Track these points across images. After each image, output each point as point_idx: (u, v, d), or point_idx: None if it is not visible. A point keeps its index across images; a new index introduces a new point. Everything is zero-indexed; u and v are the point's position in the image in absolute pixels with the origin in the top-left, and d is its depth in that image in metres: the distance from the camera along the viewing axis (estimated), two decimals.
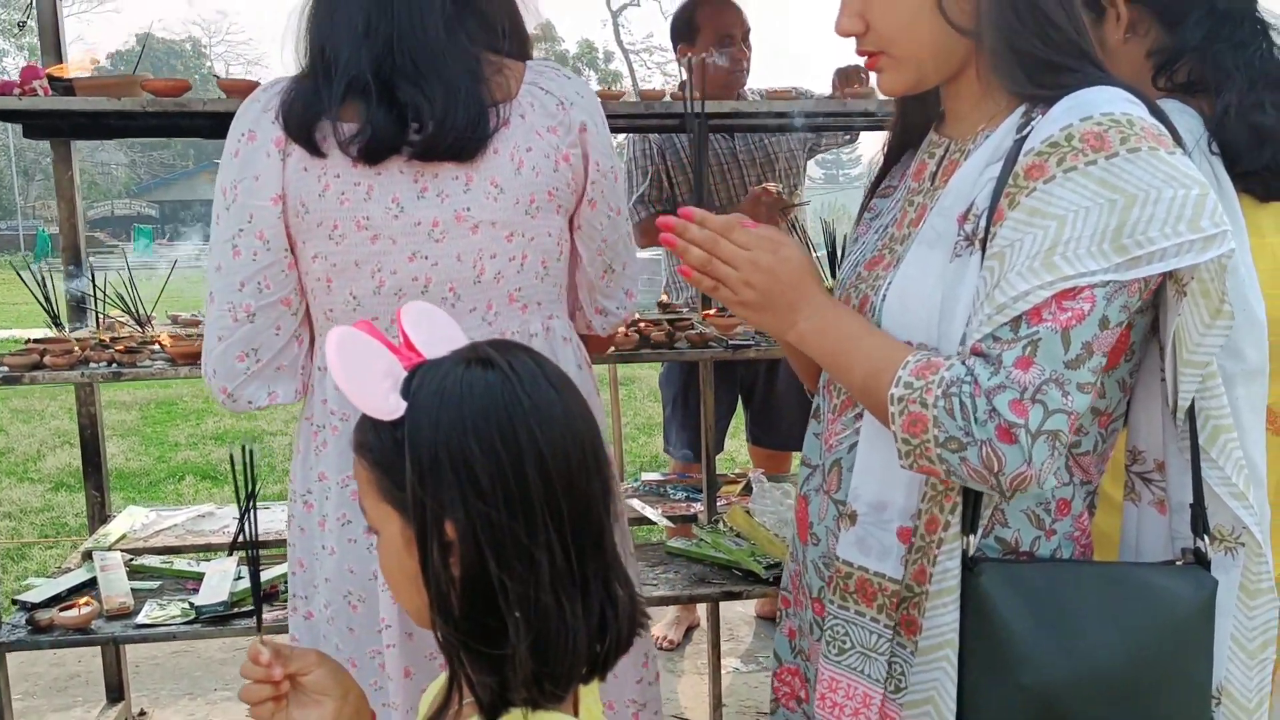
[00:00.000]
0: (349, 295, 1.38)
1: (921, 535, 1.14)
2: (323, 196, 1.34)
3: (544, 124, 1.37)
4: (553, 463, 0.82)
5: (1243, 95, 1.36)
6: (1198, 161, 1.37)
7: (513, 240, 1.37)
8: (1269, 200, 1.41)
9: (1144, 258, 0.99)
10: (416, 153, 1.31)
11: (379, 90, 1.30)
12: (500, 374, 0.84)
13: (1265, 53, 1.39)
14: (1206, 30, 1.40)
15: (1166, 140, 1.03)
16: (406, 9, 1.32)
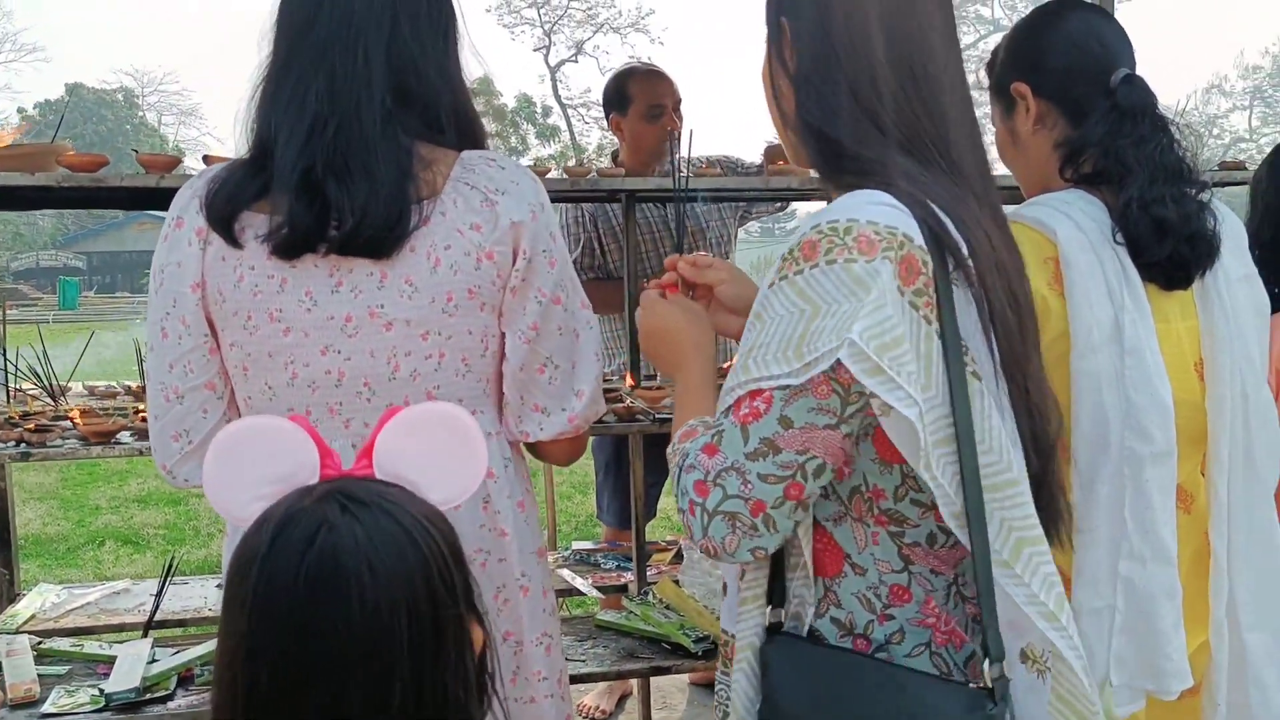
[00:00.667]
0: (264, 385, 1.37)
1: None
2: (238, 287, 1.34)
3: (466, 220, 1.35)
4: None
5: (1144, 189, 1.40)
6: (1102, 251, 1.41)
7: (429, 339, 1.35)
8: (1172, 289, 1.45)
9: (812, 363, 1.02)
10: (333, 248, 1.31)
11: (306, 185, 1.29)
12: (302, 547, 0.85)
13: (1165, 147, 1.44)
14: (1109, 126, 1.45)
15: (877, 248, 1.02)
16: (349, 101, 1.31)
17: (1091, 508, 1.42)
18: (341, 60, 1.32)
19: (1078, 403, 1.41)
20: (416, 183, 1.33)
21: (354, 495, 0.88)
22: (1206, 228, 1.44)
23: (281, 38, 1.37)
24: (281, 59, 1.36)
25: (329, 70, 1.32)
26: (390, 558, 0.85)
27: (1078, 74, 1.49)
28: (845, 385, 1.03)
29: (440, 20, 1.41)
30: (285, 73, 1.35)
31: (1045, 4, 1.59)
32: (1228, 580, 1.47)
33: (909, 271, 1.03)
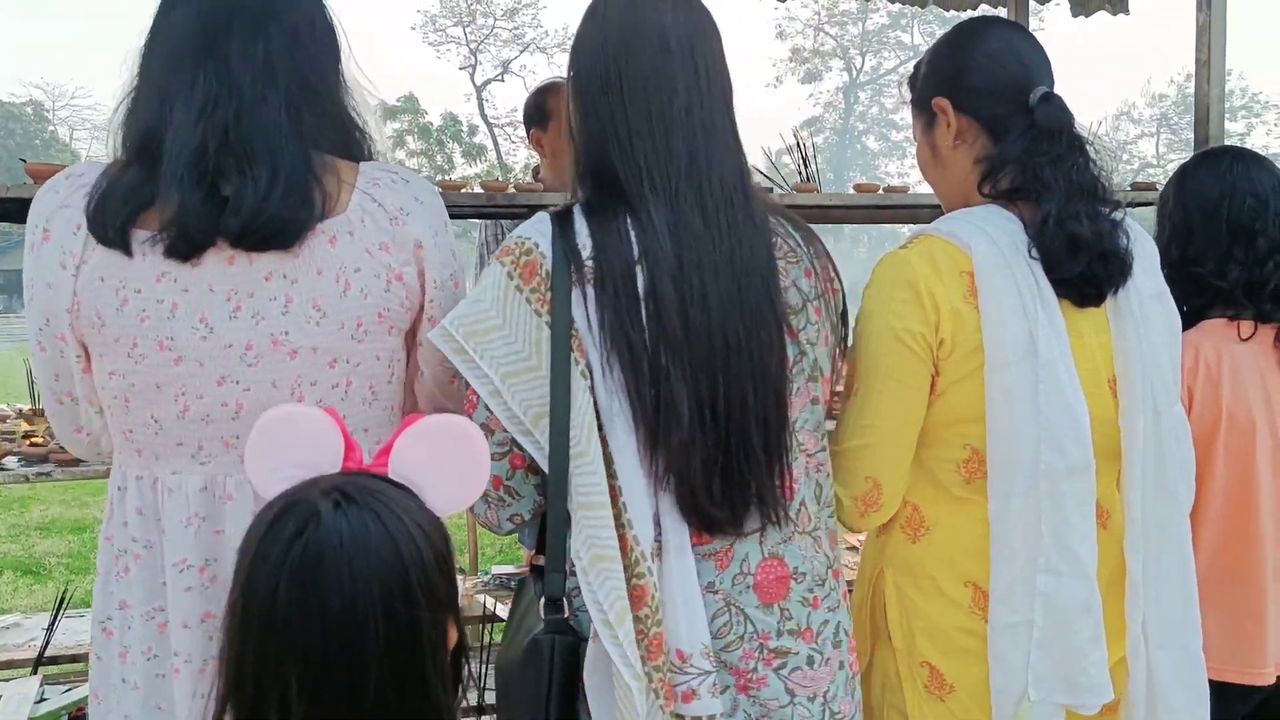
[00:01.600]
0: (149, 418, 1.28)
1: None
2: (121, 312, 1.24)
3: (376, 240, 1.29)
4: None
5: (1060, 206, 1.41)
6: (1017, 266, 1.41)
7: (336, 366, 1.29)
8: (1085, 306, 1.46)
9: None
10: (231, 238, 1.22)
11: (203, 174, 1.21)
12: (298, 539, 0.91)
13: (1081, 166, 1.45)
14: (1027, 143, 1.46)
15: (505, 254, 1.29)
16: (250, 88, 1.25)
17: (1007, 522, 1.42)
18: (238, 52, 1.26)
19: (992, 416, 1.41)
20: (322, 185, 1.27)
21: (350, 494, 0.93)
22: (1119, 245, 1.46)
23: (161, 42, 1.30)
24: (164, 62, 1.28)
25: (221, 59, 1.26)
26: (370, 559, 0.90)
27: (997, 91, 1.50)
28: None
29: (332, 34, 1.38)
30: (171, 66, 1.27)
31: (966, 21, 1.60)
32: (1142, 598, 1.48)
33: (529, 273, 1.27)
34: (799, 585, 1.36)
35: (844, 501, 1.52)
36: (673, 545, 1.28)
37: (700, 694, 1.27)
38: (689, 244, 1.26)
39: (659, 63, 1.29)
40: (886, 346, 1.46)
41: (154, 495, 1.30)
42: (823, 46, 38.80)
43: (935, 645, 1.49)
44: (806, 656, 1.35)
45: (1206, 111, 2.64)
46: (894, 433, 1.48)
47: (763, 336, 1.28)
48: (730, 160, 1.32)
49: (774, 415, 1.30)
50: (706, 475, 1.26)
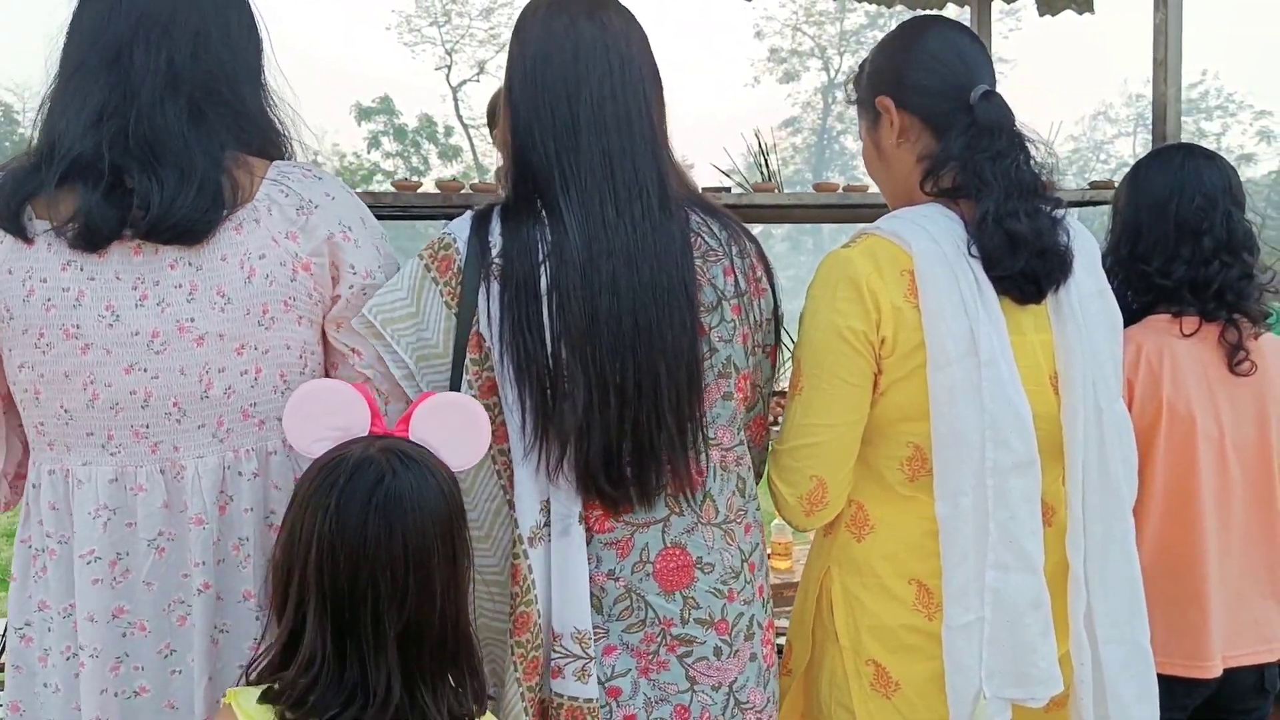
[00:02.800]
0: (59, 408, 1.28)
1: None
2: (27, 302, 1.25)
3: (282, 229, 1.30)
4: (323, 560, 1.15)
5: (999, 204, 1.43)
6: (957, 264, 1.43)
7: (244, 353, 1.30)
8: (1025, 304, 1.48)
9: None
10: (140, 233, 1.24)
11: (101, 174, 1.23)
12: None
13: (1021, 164, 1.47)
14: (968, 141, 1.47)
15: (429, 254, 1.38)
16: (150, 96, 1.26)
17: (957, 521, 1.43)
18: (141, 59, 1.27)
19: (935, 414, 1.43)
20: (231, 179, 1.27)
21: (409, 454, 1.20)
22: (1059, 243, 1.47)
23: (72, 45, 1.31)
24: (72, 64, 1.30)
25: (123, 68, 1.27)
26: (431, 500, 1.19)
27: (938, 89, 1.51)
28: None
29: (253, 35, 1.39)
30: (75, 73, 1.29)
31: (909, 20, 1.62)
32: (1085, 593, 1.50)
33: (445, 268, 1.37)
34: (707, 576, 1.41)
35: (789, 500, 1.53)
36: (556, 529, 1.36)
37: (565, 674, 1.36)
38: (598, 235, 1.34)
39: (570, 68, 1.38)
40: (829, 344, 1.47)
41: (65, 488, 1.30)
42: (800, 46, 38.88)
43: (881, 643, 1.50)
44: (714, 647, 1.41)
45: (1164, 111, 2.67)
46: (838, 431, 1.49)
47: (675, 319, 1.36)
48: (646, 155, 1.39)
49: (686, 394, 1.37)
50: (610, 459, 1.34)
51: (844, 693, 1.54)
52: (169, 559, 1.30)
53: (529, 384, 1.33)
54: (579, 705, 1.36)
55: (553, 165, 1.37)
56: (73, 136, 1.25)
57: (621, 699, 1.39)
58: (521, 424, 1.35)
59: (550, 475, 1.35)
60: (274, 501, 1.34)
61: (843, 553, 1.56)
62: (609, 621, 1.39)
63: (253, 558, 1.32)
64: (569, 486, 1.35)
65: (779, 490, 1.55)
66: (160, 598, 1.30)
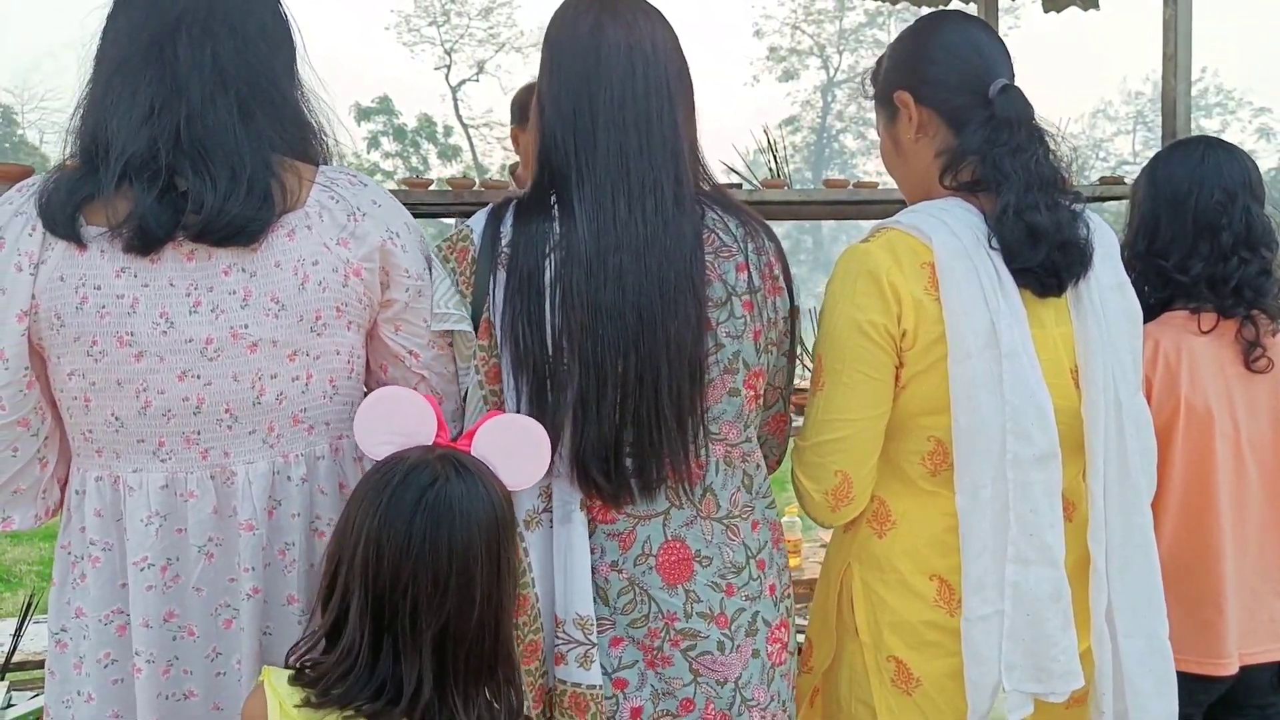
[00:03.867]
0: (110, 415, 1.27)
1: None
2: (80, 310, 1.23)
3: (333, 235, 1.30)
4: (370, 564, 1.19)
5: (1020, 197, 1.42)
6: (977, 257, 1.42)
7: (296, 360, 1.29)
8: (1045, 296, 1.47)
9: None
10: (192, 234, 1.23)
11: (156, 174, 1.22)
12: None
13: (1040, 157, 1.47)
14: (987, 134, 1.47)
15: (447, 245, 1.42)
16: (199, 91, 1.25)
17: (976, 513, 1.43)
18: (186, 54, 1.26)
19: (956, 406, 1.42)
20: (281, 182, 1.27)
21: (465, 464, 1.25)
22: (1079, 236, 1.47)
23: (110, 43, 1.30)
24: (113, 62, 1.28)
25: (168, 62, 1.26)
26: (480, 511, 1.22)
27: (957, 83, 1.51)
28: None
29: (287, 34, 1.38)
30: (116, 71, 1.27)
31: (926, 15, 1.61)
32: (1107, 587, 1.49)
33: (461, 257, 1.41)
34: (705, 569, 1.42)
35: (814, 496, 1.53)
36: (558, 515, 1.39)
37: (568, 660, 1.37)
38: (607, 229, 1.37)
39: (593, 69, 1.41)
40: (850, 338, 1.46)
41: (114, 495, 1.29)
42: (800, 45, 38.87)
43: (902, 639, 1.50)
44: (717, 641, 1.42)
45: (1174, 106, 2.66)
46: (862, 425, 1.49)
47: (679, 313, 1.37)
48: (664, 153, 1.41)
49: (687, 388, 1.38)
50: (606, 452, 1.35)
51: (864, 689, 1.54)
52: (218, 564, 1.30)
53: (526, 373, 1.36)
54: (582, 692, 1.37)
55: (570, 163, 1.40)
56: (126, 134, 1.23)
57: (628, 690, 1.40)
58: (517, 411, 1.37)
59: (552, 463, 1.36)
60: (319, 506, 1.34)
61: (863, 549, 1.55)
62: (615, 614, 1.40)
63: (298, 563, 1.32)
64: (566, 475, 1.37)
65: (804, 486, 1.54)
66: (208, 602, 1.30)
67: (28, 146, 43.86)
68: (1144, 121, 40.40)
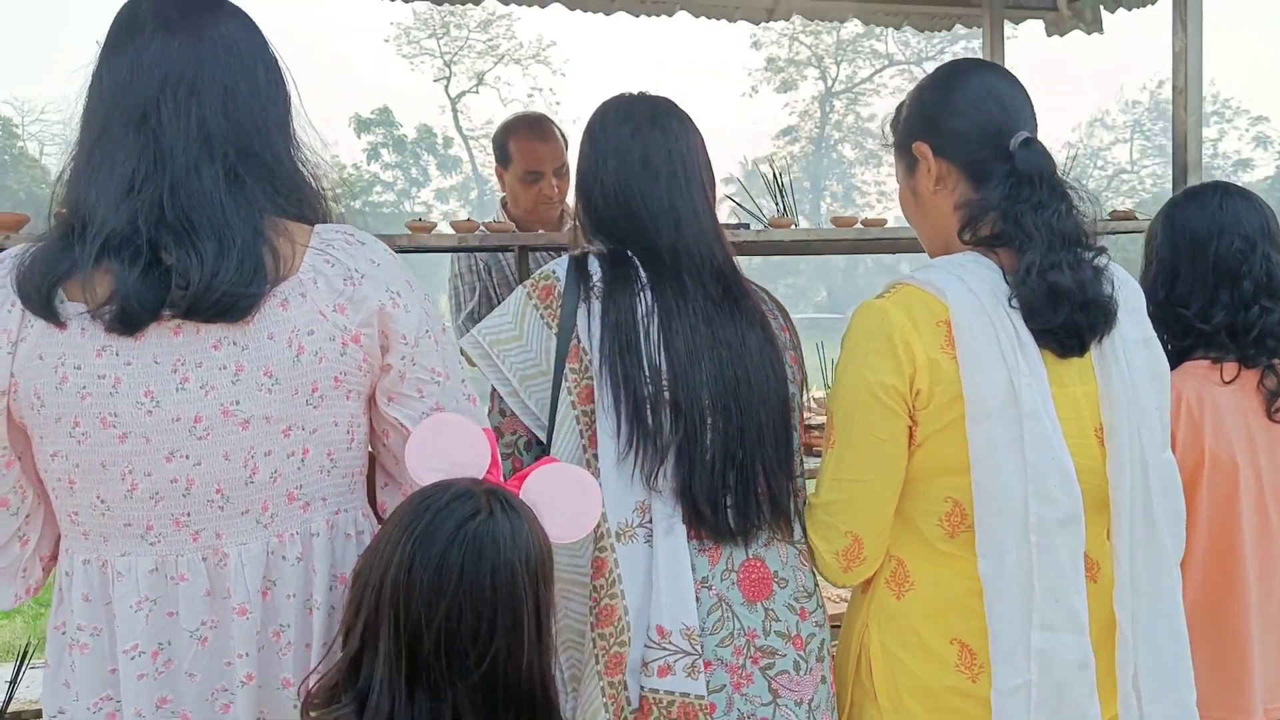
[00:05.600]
0: (95, 498, 1.21)
1: None
2: (60, 389, 1.18)
3: (330, 302, 1.23)
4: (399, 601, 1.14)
5: (1042, 255, 1.39)
6: (995, 314, 1.39)
7: (291, 435, 1.23)
8: (1066, 357, 1.44)
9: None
10: (180, 313, 1.17)
11: (139, 250, 1.16)
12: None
13: (1063, 214, 1.43)
14: (1008, 190, 1.44)
15: (531, 284, 1.55)
16: (184, 159, 1.19)
17: (1002, 579, 1.39)
18: (170, 120, 1.20)
19: (976, 468, 1.39)
20: (273, 248, 1.21)
21: (511, 504, 1.20)
22: (1103, 294, 1.43)
23: (93, 108, 1.24)
24: (95, 129, 1.22)
25: (151, 130, 1.20)
26: (523, 549, 1.17)
27: (977, 136, 1.48)
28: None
29: (281, 88, 1.31)
30: (99, 140, 1.21)
31: (948, 64, 1.58)
32: (1134, 653, 1.45)
33: (545, 295, 1.53)
34: (782, 590, 1.50)
35: (825, 557, 1.50)
36: (661, 528, 1.44)
37: (675, 670, 1.39)
38: (682, 304, 1.51)
39: (639, 175, 1.57)
40: (859, 400, 1.44)
41: (102, 579, 1.24)
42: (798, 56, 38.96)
43: (922, 705, 1.46)
44: (794, 661, 1.48)
45: (1185, 139, 2.64)
46: (872, 486, 1.46)
47: (769, 368, 1.53)
48: (714, 244, 1.58)
49: (783, 435, 1.52)
50: (713, 494, 1.45)
51: None
52: (211, 648, 1.24)
53: (626, 397, 1.45)
54: (691, 702, 1.39)
55: (623, 222, 1.57)
56: (105, 210, 1.17)
57: (717, 714, 1.42)
58: (616, 429, 1.44)
59: (649, 482, 1.44)
60: (313, 586, 1.28)
61: (881, 610, 1.52)
62: (704, 635, 1.43)
63: (293, 645, 1.27)
64: (670, 494, 1.45)
65: (815, 545, 1.51)
66: (203, 687, 1.25)
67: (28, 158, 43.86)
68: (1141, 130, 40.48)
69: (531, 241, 2.43)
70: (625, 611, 1.41)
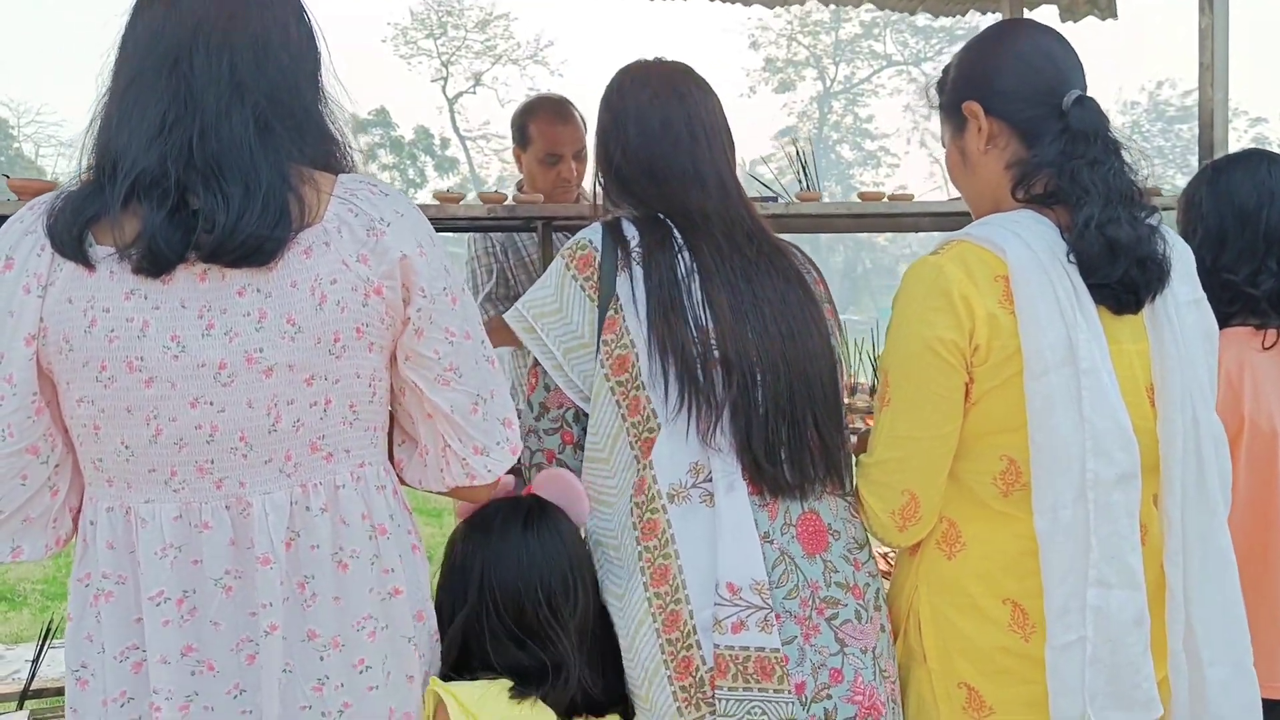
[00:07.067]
0: (120, 444, 1.21)
1: None
2: (89, 333, 1.18)
3: (353, 252, 1.24)
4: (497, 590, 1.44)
5: (1101, 210, 1.39)
6: (1053, 270, 1.39)
7: (314, 384, 1.23)
8: (1121, 313, 1.44)
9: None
10: (204, 255, 1.18)
11: (166, 192, 1.17)
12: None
13: (1117, 170, 1.43)
14: (1062, 147, 1.44)
15: (568, 254, 1.56)
16: (214, 104, 1.20)
17: (1056, 536, 1.39)
18: (202, 66, 1.21)
19: (1034, 424, 1.39)
20: (299, 195, 1.22)
21: (542, 501, 1.50)
22: (1157, 251, 1.43)
23: (125, 57, 1.25)
24: (128, 75, 1.24)
25: (183, 75, 1.21)
26: (574, 528, 1.48)
27: (1029, 94, 1.48)
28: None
29: (311, 42, 1.33)
30: (130, 84, 1.22)
31: (996, 24, 1.59)
32: (1184, 613, 1.45)
33: (584, 264, 1.54)
34: (837, 542, 1.51)
35: (880, 516, 1.50)
36: (722, 485, 1.45)
37: (748, 625, 1.40)
38: (719, 266, 1.54)
39: (660, 139, 1.59)
40: (918, 356, 1.43)
41: (126, 526, 1.24)
42: (796, 56, 38.99)
43: (974, 666, 1.46)
44: (855, 610, 1.48)
45: (1211, 116, 2.63)
46: (928, 443, 1.45)
47: (814, 323, 1.56)
48: (741, 207, 1.61)
49: (833, 391, 1.55)
50: (768, 440, 1.46)
51: (932, 717, 1.50)
52: (236, 598, 1.24)
53: (674, 358, 1.46)
54: (767, 655, 1.39)
55: (653, 187, 1.58)
56: (135, 151, 1.19)
57: (790, 666, 1.41)
58: (665, 392, 1.46)
59: (705, 439, 1.45)
60: (342, 538, 1.27)
61: (931, 571, 1.52)
62: (773, 589, 1.43)
63: (319, 597, 1.26)
64: (729, 451, 1.46)
65: (870, 505, 1.51)
66: (228, 637, 1.25)
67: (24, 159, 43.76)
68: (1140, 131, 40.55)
69: (560, 213, 2.42)
70: (679, 571, 1.42)
